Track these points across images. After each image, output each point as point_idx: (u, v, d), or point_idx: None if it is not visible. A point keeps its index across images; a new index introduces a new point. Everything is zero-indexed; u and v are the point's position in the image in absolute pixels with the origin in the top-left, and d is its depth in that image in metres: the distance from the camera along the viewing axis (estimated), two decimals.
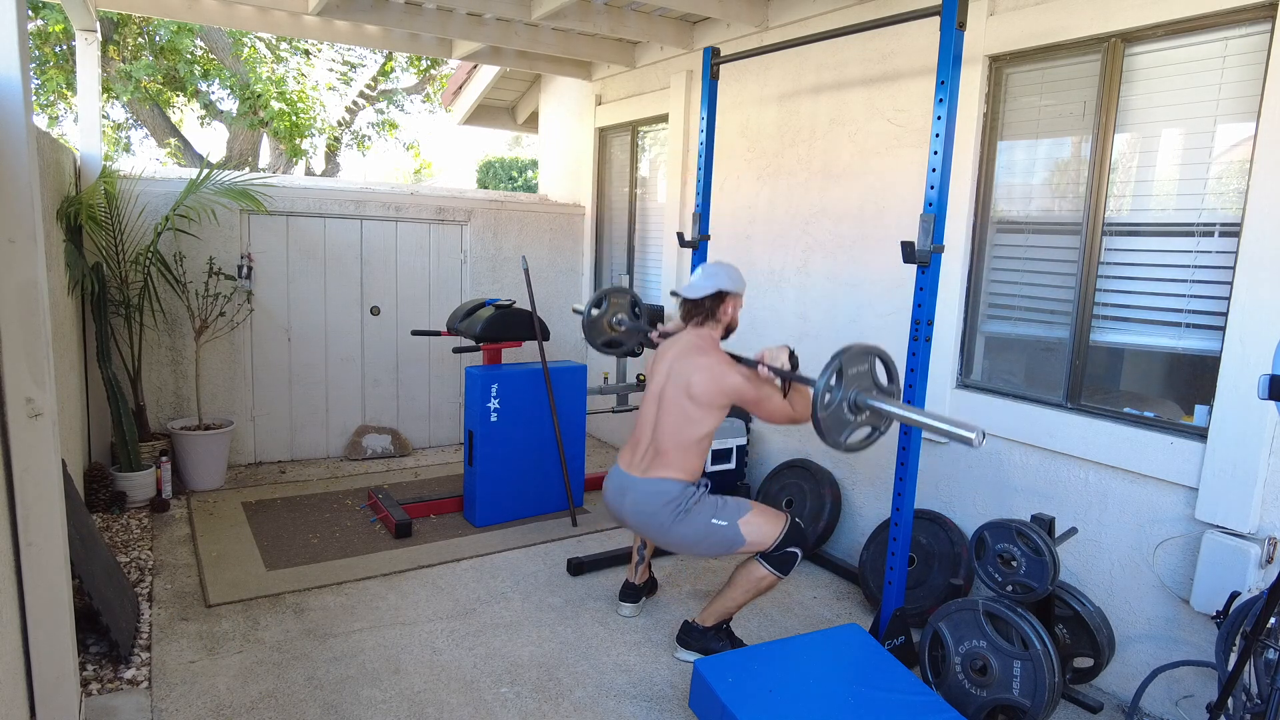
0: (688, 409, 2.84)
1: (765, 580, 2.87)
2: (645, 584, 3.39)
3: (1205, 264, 2.67)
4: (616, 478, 3.01)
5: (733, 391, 2.80)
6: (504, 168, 16.12)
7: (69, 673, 2.15)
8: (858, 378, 2.44)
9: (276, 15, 4.71)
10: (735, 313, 3.04)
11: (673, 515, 2.82)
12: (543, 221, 5.94)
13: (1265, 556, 2.46)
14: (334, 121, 11.33)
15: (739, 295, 3.02)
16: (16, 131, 1.87)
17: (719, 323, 3.00)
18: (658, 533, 2.88)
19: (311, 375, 5.19)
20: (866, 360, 2.46)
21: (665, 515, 2.83)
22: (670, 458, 2.86)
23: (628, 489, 2.93)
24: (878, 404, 2.42)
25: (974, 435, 2.17)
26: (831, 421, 2.41)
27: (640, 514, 2.89)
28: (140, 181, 4.49)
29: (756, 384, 2.80)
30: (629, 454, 3.01)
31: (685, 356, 2.90)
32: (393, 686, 2.72)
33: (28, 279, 1.92)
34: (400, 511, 4.12)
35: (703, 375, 2.82)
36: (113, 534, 3.84)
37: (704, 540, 2.84)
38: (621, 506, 2.96)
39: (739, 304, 3.04)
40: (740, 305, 3.05)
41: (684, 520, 2.82)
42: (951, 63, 2.57)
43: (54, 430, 2.03)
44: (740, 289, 3.01)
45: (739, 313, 3.06)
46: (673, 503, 2.83)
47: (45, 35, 8.99)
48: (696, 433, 2.85)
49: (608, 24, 4.54)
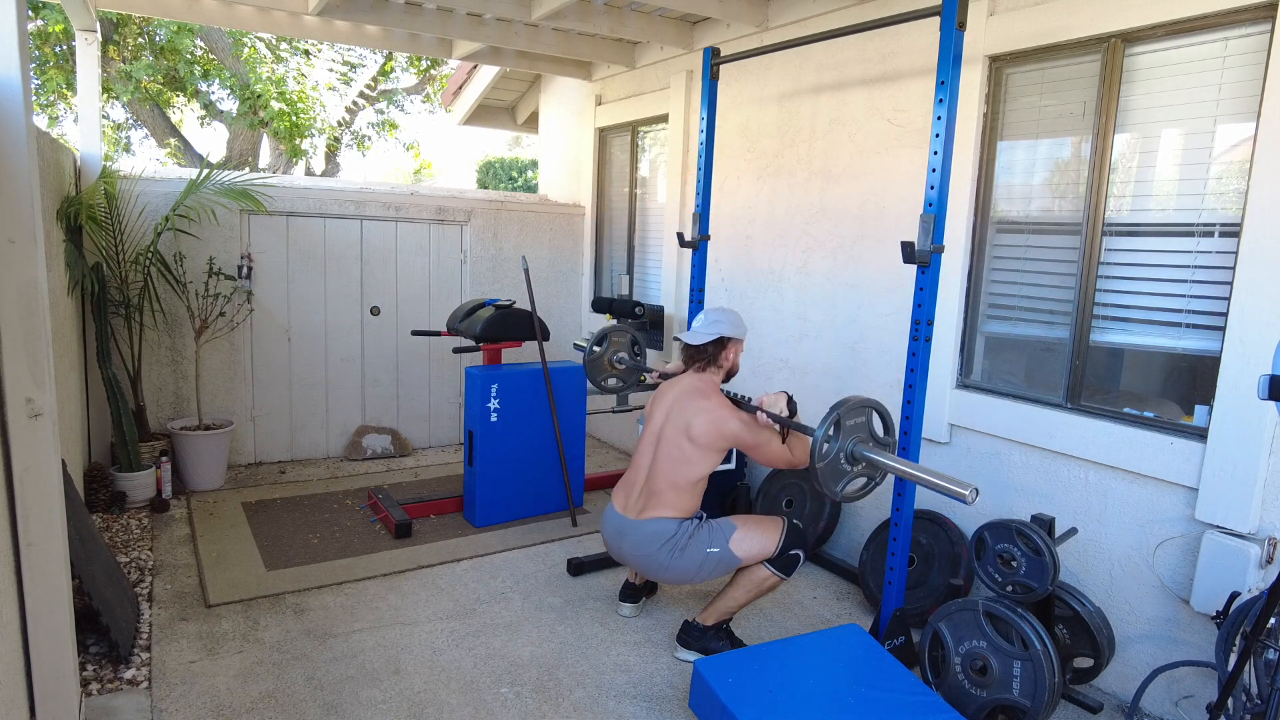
0: (686, 450, 2.89)
1: (768, 581, 2.89)
2: (644, 584, 3.39)
3: (1205, 264, 2.67)
4: (613, 520, 3.06)
5: (732, 436, 2.86)
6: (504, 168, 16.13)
7: (69, 673, 2.15)
8: (855, 429, 2.49)
9: (276, 15, 4.71)
10: (736, 358, 3.11)
11: (669, 553, 2.89)
12: (543, 221, 5.94)
13: (1265, 557, 2.46)
14: (334, 121, 11.33)
15: (740, 341, 3.09)
16: (16, 131, 1.87)
17: (720, 368, 3.07)
18: (658, 571, 2.94)
19: (311, 375, 5.19)
20: (864, 413, 2.51)
21: (664, 555, 2.90)
22: (665, 498, 2.91)
23: (626, 532, 2.98)
24: (874, 456, 2.46)
25: (968, 493, 2.21)
26: (829, 471, 2.46)
27: (640, 555, 2.95)
28: (140, 181, 4.49)
29: (755, 430, 2.85)
30: (623, 496, 3.06)
31: (685, 399, 2.96)
32: (393, 687, 2.72)
33: (28, 279, 1.92)
34: (400, 511, 4.12)
35: (703, 418, 2.87)
36: (113, 534, 3.84)
37: (702, 569, 2.90)
38: (621, 549, 3.03)
39: (740, 349, 3.11)
40: (741, 350, 3.12)
41: (681, 556, 2.88)
42: (951, 63, 2.57)
43: (54, 430, 2.03)
44: (741, 334, 3.07)
45: (740, 357, 3.13)
46: (670, 541, 2.89)
47: (45, 35, 8.99)
48: (693, 474, 2.90)
49: (608, 24, 4.54)
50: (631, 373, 4.02)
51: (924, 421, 2.88)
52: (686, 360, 3.10)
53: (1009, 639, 2.56)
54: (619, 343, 4.02)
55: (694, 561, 2.88)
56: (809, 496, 3.95)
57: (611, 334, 4.00)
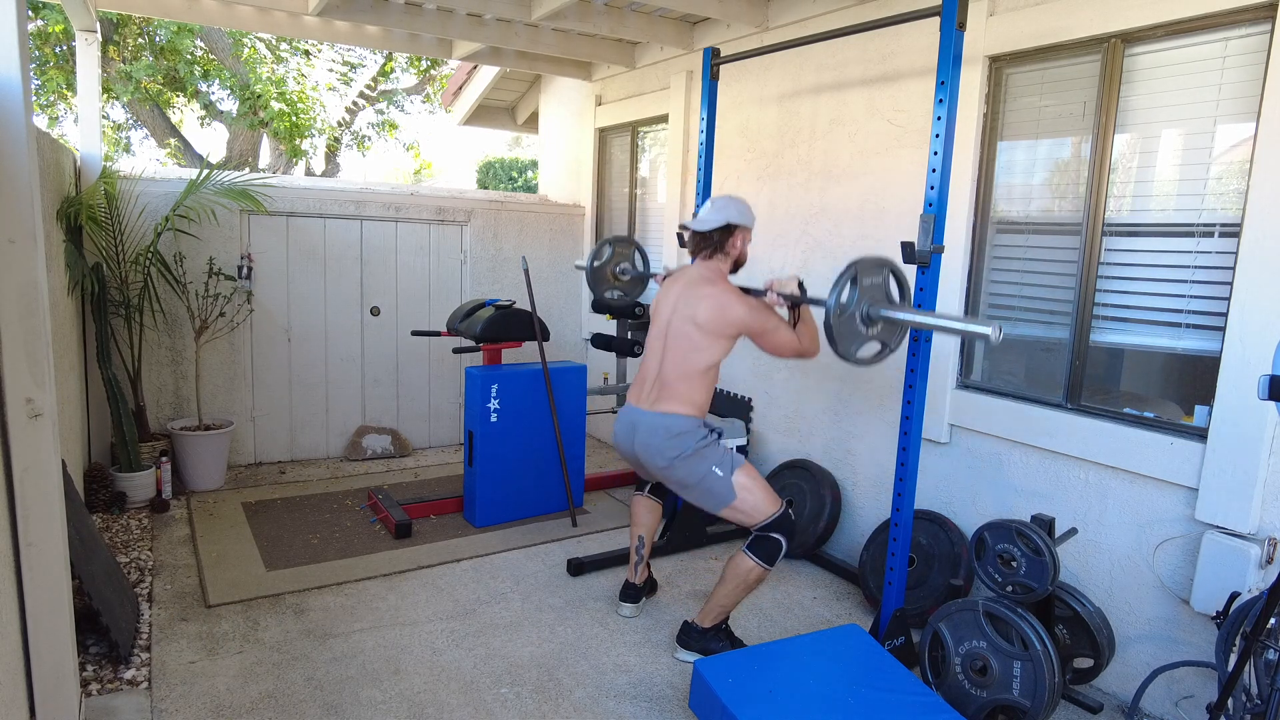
0: (694, 337, 2.85)
1: (753, 573, 2.86)
2: (645, 584, 3.39)
3: (1205, 264, 2.67)
4: (627, 414, 3.02)
5: (739, 322, 2.80)
6: (504, 168, 16.12)
7: (69, 673, 2.14)
8: (871, 290, 2.45)
9: (276, 15, 4.71)
10: (744, 247, 3.02)
11: (676, 451, 2.84)
12: (543, 222, 5.94)
13: (1265, 557, 2.46)
14: (334, 122, 11.33)
15: (748, 229, 3.00)
16: (16, 132, 1.87)
17: (727, 256, 2.99)
18: (662, 467, 2.89)
19: (311, 375, 5.19)
20: (880, 273, 2.46)
21: (671, 450, 2.85)
22: (677, 389, 2.87)
23: (638, 424, 2.94)
24: (891, 314, 2.43)
25: (991, 330, 2.19)
26: (844, 330, 2.40)
27: (648, 447, 2.90)
28: (140, 182, 4.49)
29: (764, 314, 2.81)
30: (636, 391, 3.03)
31: (692, 287, 2.90)
32: (393, 687, 2.72)
33: (28, 279, 1.92)
34: (400, 512, 4.12)
35: (709, 304, 2.82)
36: (113, 534, 3.84)
37: (700, 485, 2.86)
38: (632, 443, 2.97)
39: (748, 238, 3.02)
40: (749, 239, 3.03)
41: (686, 460, 2.84)
42: (951, 63, 2.57)
43: (54, 430, 2.03)
44: (749, 223, 2.99)
45: (748, 247, 3.05)
46: (680, 437, 2.84)
47: (45, 35, 8.99)
48: (703, 362, 2.85)
49: (608, 24, 4.54)
50: (636, 284, 3.87)
51: (924, 421, 2.88)
52: (693, 249, 3.02)
53: (1009, 639, 2.56)
54: (623, 253, 3.83)
55: (696, 473, 2.83)
56: (809, 496, 3.95)
57: (615, 244, 3.82)
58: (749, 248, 3.05)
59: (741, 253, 3.02)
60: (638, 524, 3.32)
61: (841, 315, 2.38)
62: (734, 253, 2.99)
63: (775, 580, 3.73)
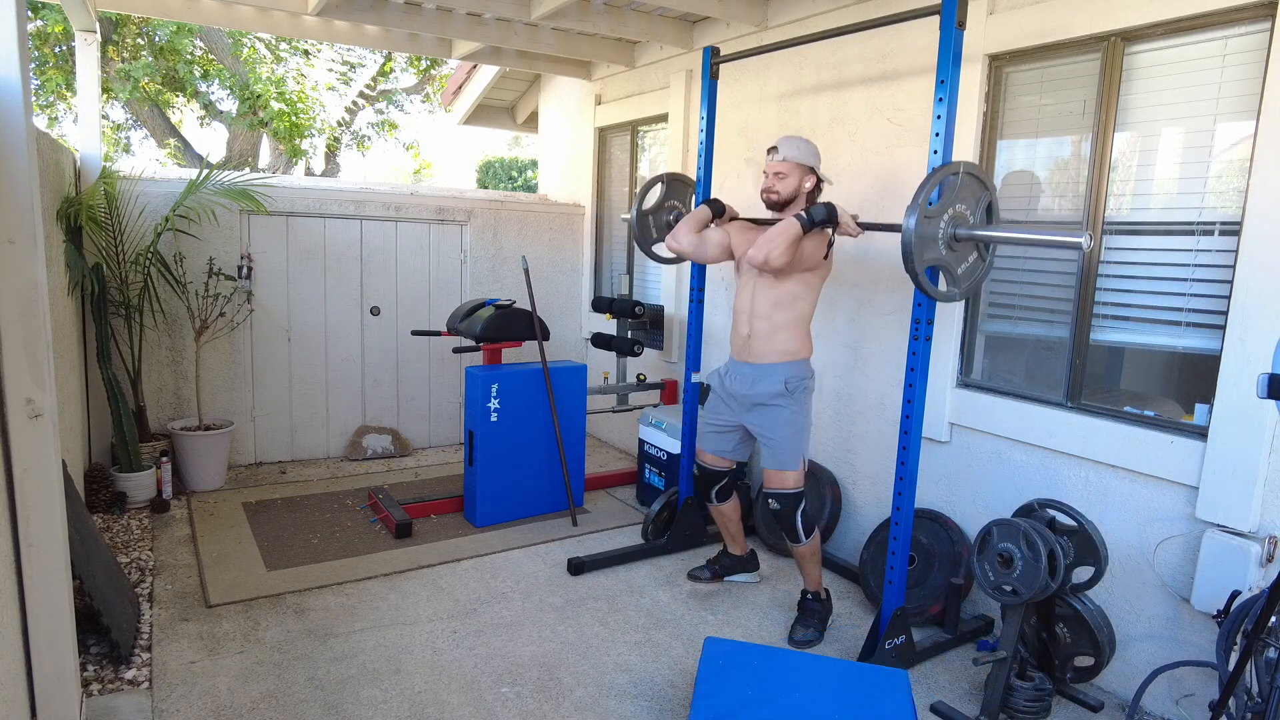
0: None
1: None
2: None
3: (1205, 263, 2.67)
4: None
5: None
6: (504, 168, 16.12)
7: (70, 673, 2.15)
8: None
9: (276, 15, 4.71)
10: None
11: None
12: (543, 221, 5.94)
13: (1266, 555, 2.46)
14: (334, 122, 11.33)
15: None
16: (16, 132, 1.87)
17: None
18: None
19: (311, 375, 5.19)
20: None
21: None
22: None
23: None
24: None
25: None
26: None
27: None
28: (140, 182, 4.49)
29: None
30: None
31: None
32: (393, 686, 2.72)
33: (28, 280, 1.92)
34: (400, 511, 4.12)
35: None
36: (113, 534, 3.84)
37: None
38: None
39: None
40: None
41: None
42: (951, 62, 2.57)
43: (54, 431, 2.03)
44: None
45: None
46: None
47: (45, 35, 8.99)
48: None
49: (607, 24, 4.54)
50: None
51: (924, 420, 2.88)
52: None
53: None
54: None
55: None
56: (810, 495, 3.95)
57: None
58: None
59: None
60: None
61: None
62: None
63: (776, 579, 3.73)
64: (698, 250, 3.21)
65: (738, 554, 3.57)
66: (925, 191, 2.44)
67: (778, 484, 3.10)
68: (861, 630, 3.21)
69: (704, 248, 3.22)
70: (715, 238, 3.25)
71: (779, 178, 3.07)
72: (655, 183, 3.53)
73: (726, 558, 3.57)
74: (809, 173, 3.09)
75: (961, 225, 2.57)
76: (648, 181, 3.57)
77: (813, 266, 3.03)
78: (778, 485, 3.10)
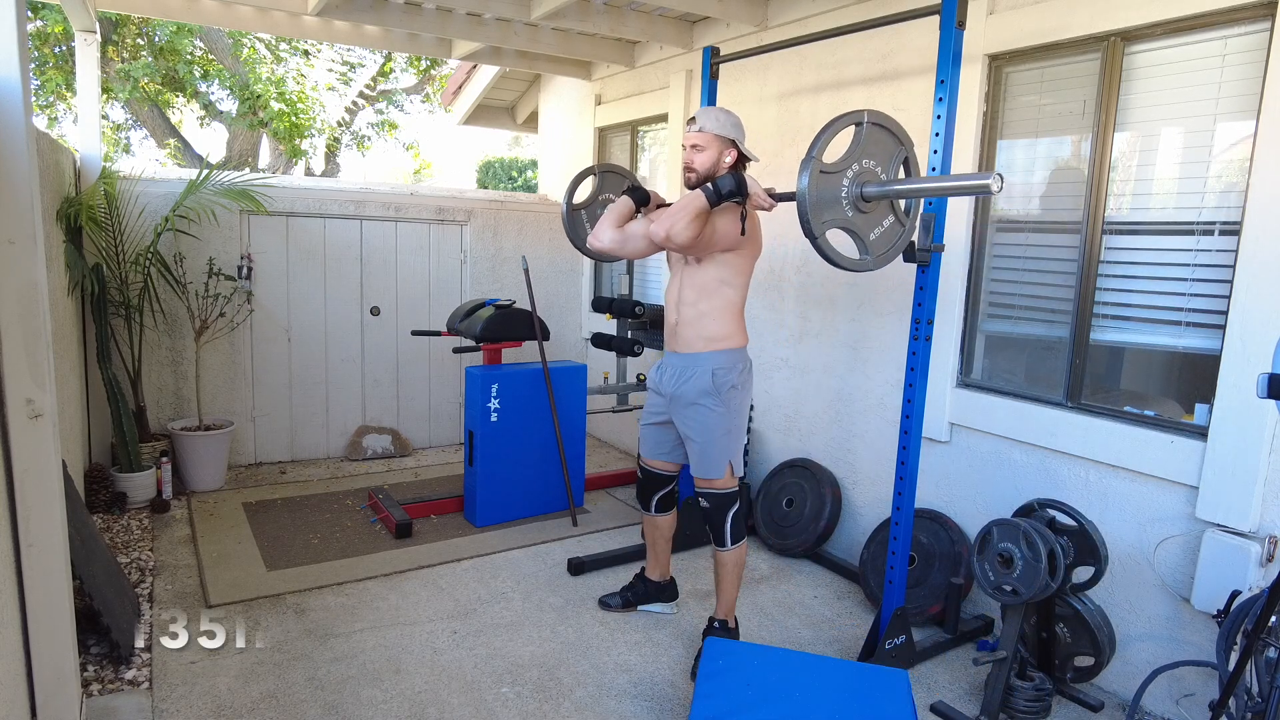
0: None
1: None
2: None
3: (1205, 263, 2.67)
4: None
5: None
6: (504, 168, 16.12)
7: (70, 673, 2.15)
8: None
9: (276, 16, 4.71)
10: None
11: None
12: (543, 221, 5.94)
13: (1266, 555, 2.46)
14: (334, 122, 11.33)
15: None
16: (16, 132, 1.87)
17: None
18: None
19: (311, 375, 5.19)
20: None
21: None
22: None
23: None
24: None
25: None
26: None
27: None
28: (140, 182, 4.49)
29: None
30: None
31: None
32: (393, 686, 2.72)
33: (28, 280, 1.92)
34: (400, 511, 4.12)
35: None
36: (113, 535, 3.84)
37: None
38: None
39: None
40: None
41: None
42: (951, 62, 2.57)
43: (54, 431, 2.03)
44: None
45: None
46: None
47: (45, 35, 8.99)
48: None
49: (607, 24, 4.54)
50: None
51: (924, 420, 2.87)
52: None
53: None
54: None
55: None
56: (809, 495, 3.95)
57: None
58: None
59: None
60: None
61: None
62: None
63: (776, 579, 3.73)
64: (621, 246, 2.87)
65: (656, 580, 3.32)
66: (821, 144, 2.18)
67: (705, 485, 2.94)
68: (861, 630, 3.21)
69: (627, 243, 2.87)
70: (639, 229, 2.86)
71: (696, 150, 2.75)
72: (586, 174, 3.29)
73: (643, 583, 3.33)
74: (729, 145, 2.76)
75: (871, 183, 2.32)
76: (578, 174, 3.31)
77: (731, 246, 2.75)
78: (705, 487, 2.94)
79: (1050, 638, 2.78)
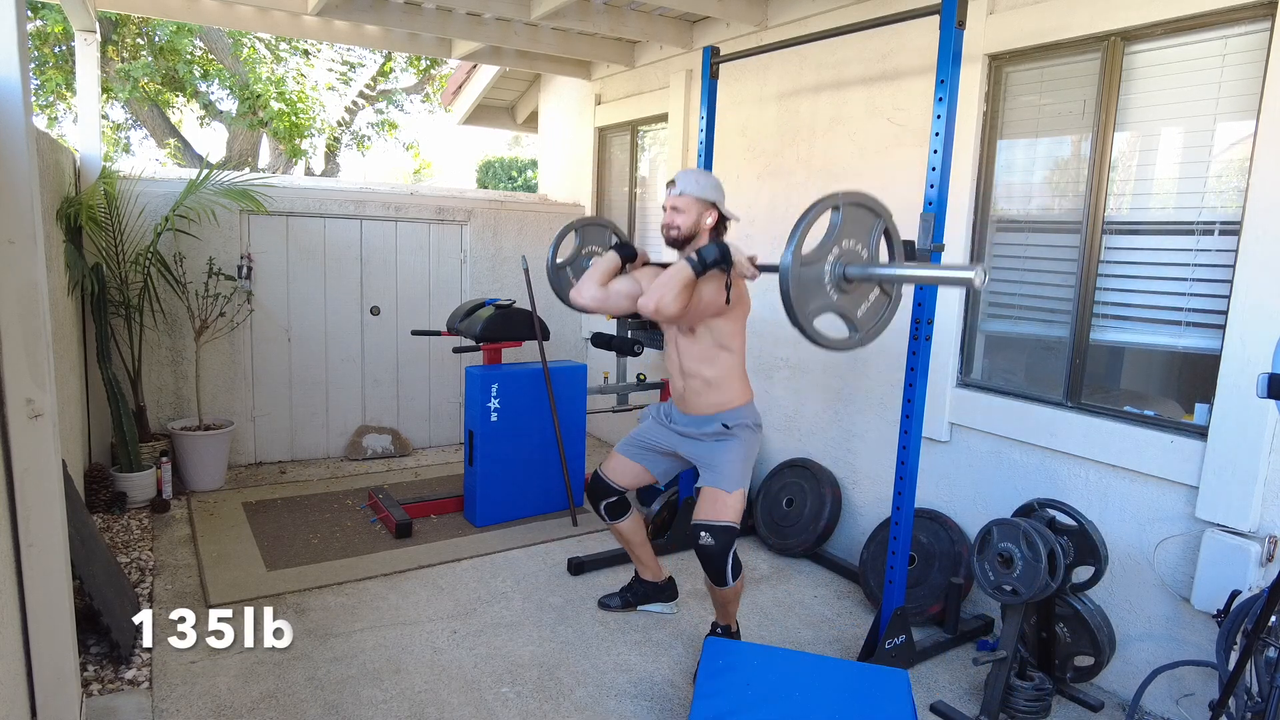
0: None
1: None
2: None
3: (1205, 263, 2.67)
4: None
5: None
6: (504, 168, 16.11)
7: (70, 673, 2.15)
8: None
9: (276, 15, 4.71)
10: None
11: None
12: (543, 221, 5.93)
13: (1265, 555, 2.46)
14: (333, 121, 11.32)
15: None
16: (16, 132, 1.86)
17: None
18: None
19: (311, 375, 5.19)
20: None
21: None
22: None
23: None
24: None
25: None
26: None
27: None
28: (140, 182, 4.49)
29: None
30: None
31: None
32: (394, 686, 2.72)
33: (28, 280, 1.92)
34: (400, 511, 4.12)
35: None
36: (113, 534, 3.84)
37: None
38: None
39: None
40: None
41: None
42: (951, 62, 2.57)
43: (54, 431, 2.03)
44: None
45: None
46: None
47: (45, 35, 8.98)
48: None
49: (607, 23, 4.54)
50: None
51: (924, 420, 2.88)
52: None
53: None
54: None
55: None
56: (810, 495, 3.95)
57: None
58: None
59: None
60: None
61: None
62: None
63: (776, 579, 3.73)
64: (603, 304, 2.84)
65: (650, 580, 3.31)
66: (800, 235, 2.13)
67: (711, 513, 2.72)
68: (861, 630, 3.21)
69: (609, 300, 2.84)
70: (623, 288, 2.85)
71: (676, 212, 2.77)
72: (567, 231, 3.31)
73: (640, 584, 3.32)
74: (709, 208, 2.76)
75: (853, 263, 2.27)
76: (559, 233, 3.33)
77: (719, 312, 2.72)
78: (711, 515, 2.72)
79: (1050, 637, 2.78)
